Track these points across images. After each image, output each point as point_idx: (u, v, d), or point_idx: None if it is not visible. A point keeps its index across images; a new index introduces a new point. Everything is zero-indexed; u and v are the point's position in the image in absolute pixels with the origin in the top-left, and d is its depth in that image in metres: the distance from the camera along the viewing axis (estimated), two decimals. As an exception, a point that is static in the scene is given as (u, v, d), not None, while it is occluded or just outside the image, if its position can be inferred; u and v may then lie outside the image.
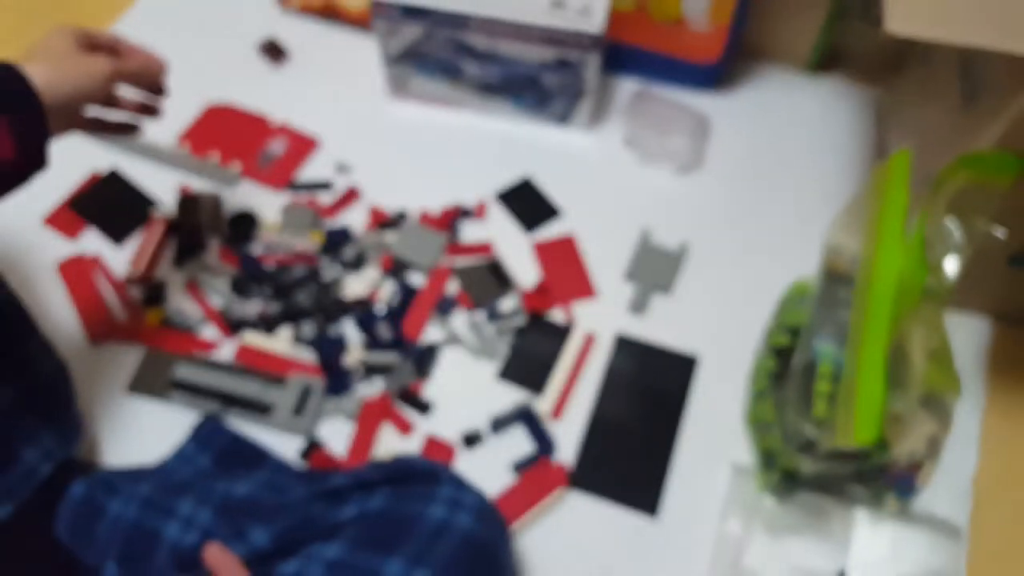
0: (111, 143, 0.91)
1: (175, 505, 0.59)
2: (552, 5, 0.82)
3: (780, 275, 0.76)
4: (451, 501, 0.56)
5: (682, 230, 0.86)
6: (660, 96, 0.93)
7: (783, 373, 0.67)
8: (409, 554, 0.52)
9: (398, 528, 0.55)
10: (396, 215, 0.86)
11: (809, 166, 0.92)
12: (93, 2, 1.06)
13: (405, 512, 0.56)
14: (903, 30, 0.57)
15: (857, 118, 0.97)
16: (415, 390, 0.75)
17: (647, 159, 0.91)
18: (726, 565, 0.67)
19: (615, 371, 0.77)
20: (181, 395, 0.73)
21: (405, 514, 0.55)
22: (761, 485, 0.70)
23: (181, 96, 0.95)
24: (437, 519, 0.55)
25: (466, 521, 0.55)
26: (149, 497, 0.61)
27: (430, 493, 0.56)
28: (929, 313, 0.62)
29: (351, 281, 0.81)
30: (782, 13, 0.94)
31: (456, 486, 0.58)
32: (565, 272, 0.83)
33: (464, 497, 0.57)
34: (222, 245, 0.84)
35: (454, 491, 0.57)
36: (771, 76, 1.00)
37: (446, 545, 0.53)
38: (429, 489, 0.57)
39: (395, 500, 0.56)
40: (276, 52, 0.99)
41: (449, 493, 0.57)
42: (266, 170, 0.89)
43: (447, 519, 0.55)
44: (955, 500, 0.71)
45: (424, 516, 0.55)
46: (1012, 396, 0.77)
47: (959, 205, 0.61)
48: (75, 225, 0.85)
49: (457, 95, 0.93)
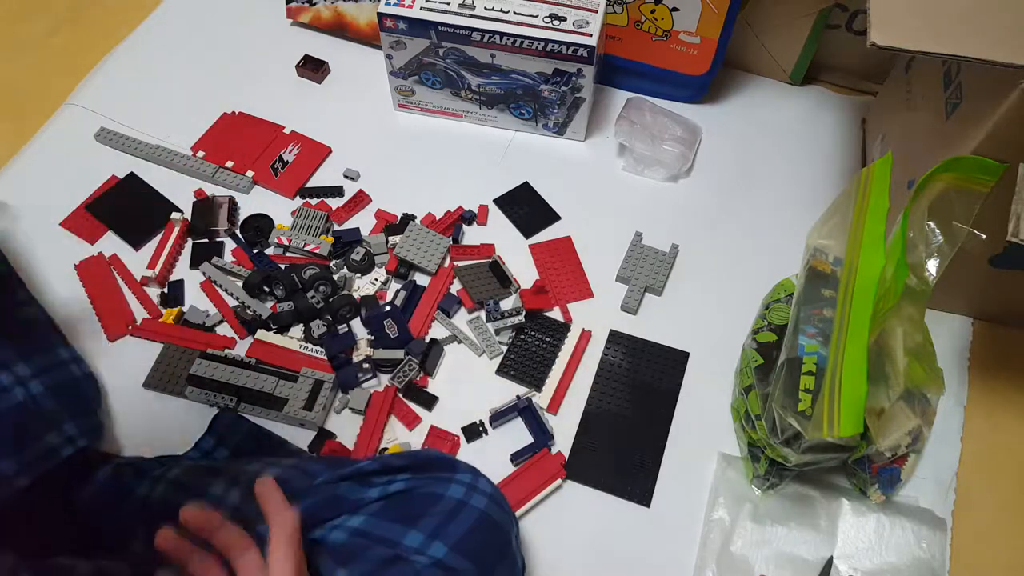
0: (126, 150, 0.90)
1: (206, 486, 0.59)
2: (550, 20, 0.82)
3: (766, 275, 0.75)
4: (468, 485, 0.56)
5: (673, 233, 0.85)
6: (652, 106, 0.92)
7: (769, 368, 0.66)
8: (428, 528, 0.53)
9: (419, 505, 0.55)
10: (402, 219, 0.85)
11: (794, 172, 0.91)
12: (111, 14, 1.05)
13: (426, 492, 0.56)
14: (887, 42, 0.56)
15: (841, 126, 0.96)
16: (420, 385, 0.74)
17: (640, 166, 0.90)
18: (714, 552, 0.65)
19: (610, 367, 0.76)
20: (196, 391, 0.72)
21: (425, 493, 0.56)
22: (748, 475, 0.69)
23: (196, 104, 0.95)
24: (456, 499, 0.55)
25: (481, 503, 0.55)
26: (178, 479, 0.60)
27: (449, 477, 0.57)
28: (911, 312, 0.62)
29: (359, 281, 0.81)
30: (769, 26, 0.93)
31: (473, 473, 0.58)
32: (563, 273, 0.82)
33: (479, 482, 0.57)
34: (236, 247, 0.83)
35: (471, 477, 0.57)
36: (758, 86, 0.99)
37: (462, 523, 0.54)
38: (448, 474, 0.57)
39: (416, 482, 0.56)
40: (316, 66, 0.97)
41: (466, 478, 0.57)
42: (279, 176, 0.89)
43: (464, 500, 0.55)
44: (939, 491, 0.69)
45: (444, 496, 0.55)
46: (993, 392, 0.76)
47: (941, 208, 0.60)
48: (93, 229, 0.84)
49: (460, 105, 0.92)
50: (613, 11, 0.89)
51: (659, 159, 0.89)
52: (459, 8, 0.82)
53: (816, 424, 0.57)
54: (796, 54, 0.95)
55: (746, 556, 0.65)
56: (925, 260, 0.60)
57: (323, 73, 0.98)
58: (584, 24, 0.81)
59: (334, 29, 1.01)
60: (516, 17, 0.82)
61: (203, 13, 1.05)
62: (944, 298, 0.78)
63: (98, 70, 0.99)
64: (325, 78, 0.98)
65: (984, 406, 0.75)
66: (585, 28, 0.81)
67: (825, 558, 0.65)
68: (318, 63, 0.98)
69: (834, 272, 0.63)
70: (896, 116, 0.82)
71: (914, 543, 0.66)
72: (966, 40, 0.55)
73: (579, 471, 0.70)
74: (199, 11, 1.05)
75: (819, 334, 0.61)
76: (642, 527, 0.68)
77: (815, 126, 0.96)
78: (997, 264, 0.71)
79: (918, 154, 0.71)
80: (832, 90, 0.99)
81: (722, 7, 0.84)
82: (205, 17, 1.05)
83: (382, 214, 0.86)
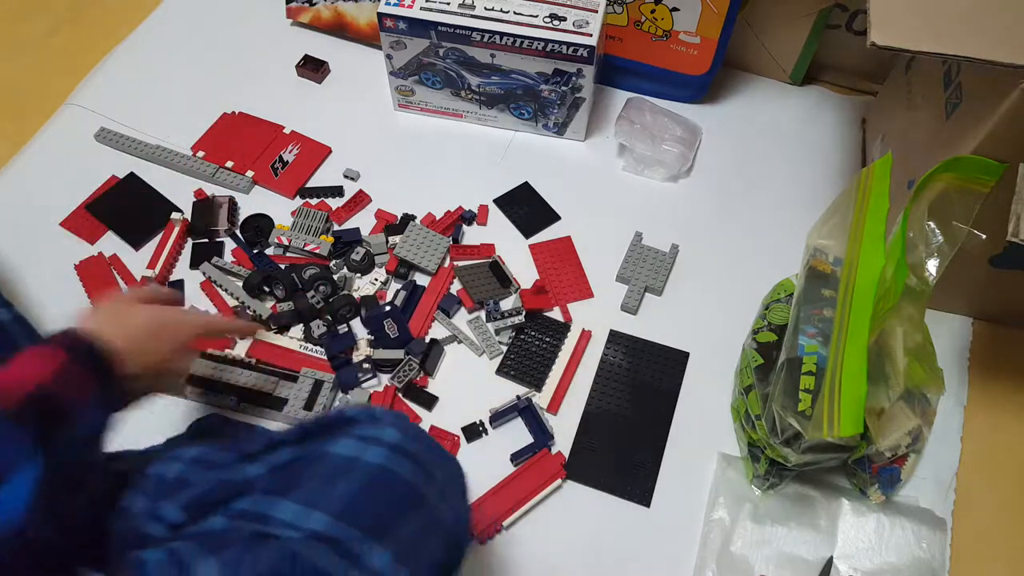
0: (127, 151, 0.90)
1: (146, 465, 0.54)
2: (550, 20, 0.81)
3: (766, 275, 0.75)
4: (364, 438, 0.50)
5: (673, 233, 0.85)
6: (652, 106, 0.92)
7: (769, 368, 0.65)
8: (303, 497, 0.47)
9: (301, 472, 0.49)
10: (402, 219, 0.85)
11: (794, 172, 0.91)
12: (111, 14, 1.05)
13: (307, 455, 0.50)
14: (887, 42, 0.56)
15: (841, 126, 0.95)
16: (420, 385, 0.74)
17: (640, 166, 0.90)
18: (714, 552, 0.65)
19: (609, 367, 0.76)
20: (196, 391, 0.71)
21: (310, 457, 0.49)
22: (748, 475, 0.69)
23: (196, 104, 0.94)
24: (343, 456, 0.49)
25: (379, 456, 0.48)
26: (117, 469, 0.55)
27: (346, 431, 0.50)
28: (911, 312, 0.61)
29: (359, 281, 0.80)
30: (769, 26, 0.93)
31: (374, 422, 0.51)
32: (563, 273, 0.82)
33: (384, 432, 0.50)
34: (236, 247, 0.83)
35: (371, 428, 0.50)
36: (758, 86, 0.99)
37: (348, 484, 0.47)
38: (340, 430, 0.50)
39: (300, 448, 0.50)
40: (316, 66, 0.97)
41: (366, 431, 0.50)
42: (279, 176, 0.88)
43: (355, 456, 0.49)
44: (939, 491, 0.69)
45: (326, 456, 0.49)
46: (993, 391, 0.76)
47: (941, 208, 0.60)
48: (93, 229, 0.84)
49: (460, 105, 0.92)
50: (613, 11, 0.88)
51: (659, 159, 0.88)
52: (459, 8, 0.82)
53: (816, 424, 0.56)
54: (796, 54, 0.95)
55: (746, 556, 0.65)
56: (925, 260, 0.60)
57: (323, 73, 0.98)
58: (584, 24, 0.81)
59: (334, 29, 1.01)
60: (516, 17, 0.81)
61: (203, 13, 1.05)
62: (944, 298, 0.77)
63: (98, 70, 0.98)
64: (325, 78, 0.98)
65: (984, 406, 0.75)
66: (585, 28, 0.81)
67: (825, 558, 0.65)
68: (318, 63, 0.98)
69: (834, 272, 0.63)
70: (896, 116, 0.82)
71: (914, 543, 0.66)
72: (966, 40, 0.55)
73: (579, 471, 0.69)
74: (199, 11, 1.05)
75: (819, 334, 0.61)
76: (642, 527, 0.67)
77: (815, 126, 0.95)
78: (997, 264, 0.71)
79: (918, 154, 0.71)
80: (832, 90, 0.99)
81: (722, 7, 0.84)
82: (205, 17, 1.04)
83: (382, 214, 0.85)
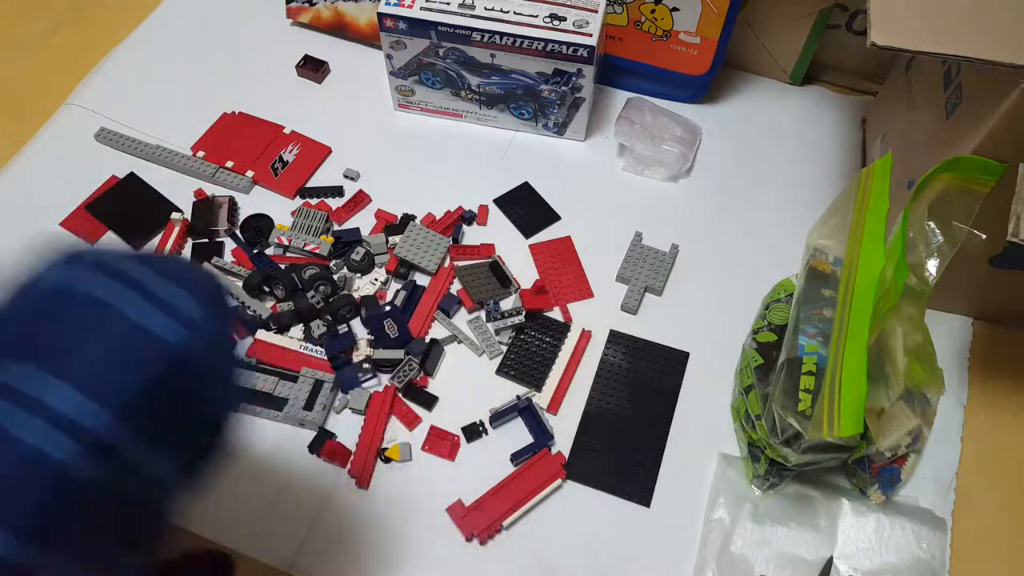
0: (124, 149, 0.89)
1: None
2: (550, 20, 0.81)
3: (766, 275, 0.75)
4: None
5: (673, 233, 0.85)
6: (652, 106, 0.92)
7: (769, 368, 0.65)
8: None
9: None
10: (402, 218, 0.85)
11: (794, 172, 0.91)
12: (111, 14, 1.05)
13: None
14: (887, 42, 0.56)
15: (841, 126, 0.95)
16: (421, 385, 0.74)
17: (640, 166, 0.90)
18: (714, 552, 0.65)
19: (609, 367, 0.75)
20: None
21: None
22: (748, 475, 0.68)
23: (196, 104, 0.94)
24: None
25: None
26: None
27: None
28: (911, 312, 0.61)
29: (359, 281, 0.80)
30: (769, 26, 0.93)
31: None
32: (563, 273, 0.82)
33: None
34: (236, 247, 0.82)
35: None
36: (758, 86, 0.99)
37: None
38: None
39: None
40: (316, 66, 0.97)
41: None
42: (279, 176, 0.88)
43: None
44: (939, 491, 0.69)
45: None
46: (993, 391, 0.76)
47: (941, 208, 0.60)
48: (93, 229, 0.83)
49: (460, 105, 0.92)
50: (613, 11, 0.88)
51: (659, 159, 0.88)
52: (459, 8, 0.82)
53: (816, 424, 0.56)
54: (796, 54, 0.95)
55: (746, 556, 0.65)
56: (925, 260, 0.60)
57: (323, 73, 0.98)
58: (584, 24, 0.81)
59: (334, 29, 1.01)
60: (516, 17, 0.81)
61: (203, 13, 1.04)
62: (944, 298, 0.77)
63: (98, 70, 0.98)
64: (325, 78, 0.98)
65: (984, 406, 0.75)
66: (585, 28, 0.81)
67: (825, 558, 0.65)
68: (318, 63, 0.98)
69: (834, 272, 0.63)
70: (896, 116, 0.82)
71: (914, 543, 0.65)
72: (966, 40, 0.55)
73: (579, 471, 0.69)
74: (199, 11, 1.05)
75: (819, 334, 0.61)
76: (642, 527, 0.67)
77: (815, 126, 0.95)
78: (997, 264, 0.71)
79: (918, 154, 0.70)
80: (832, 90, 0.99)
81: (722, 7, 0.83)
82: (205, 17, 1.04)
83: (382, 214, 0.85)
